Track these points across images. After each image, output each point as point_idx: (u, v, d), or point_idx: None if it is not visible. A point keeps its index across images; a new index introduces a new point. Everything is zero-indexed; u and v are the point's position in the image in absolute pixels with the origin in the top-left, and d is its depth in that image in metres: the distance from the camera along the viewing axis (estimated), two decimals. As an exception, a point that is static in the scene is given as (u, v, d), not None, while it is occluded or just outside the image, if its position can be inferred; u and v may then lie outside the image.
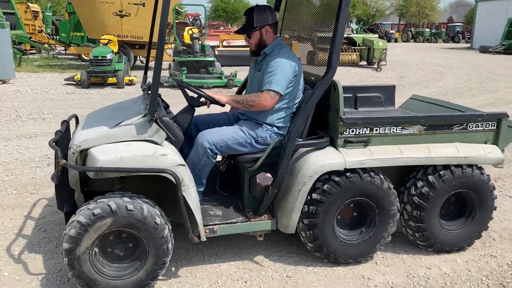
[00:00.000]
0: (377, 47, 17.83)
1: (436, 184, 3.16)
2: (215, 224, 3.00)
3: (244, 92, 3.65)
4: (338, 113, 3.01)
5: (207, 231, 2.94)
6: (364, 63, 18.71)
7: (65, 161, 2.64)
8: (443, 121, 3.24)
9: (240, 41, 20.54)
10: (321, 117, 3.19)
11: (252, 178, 3.13)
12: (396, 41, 46.60)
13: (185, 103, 3.17)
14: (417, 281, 3.07)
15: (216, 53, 15.53)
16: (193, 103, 3.12)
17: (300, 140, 3.05)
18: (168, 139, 2.83)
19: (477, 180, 3.26)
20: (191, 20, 22.52)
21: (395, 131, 3.14)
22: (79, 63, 17.21)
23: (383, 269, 3.20)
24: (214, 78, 11.87)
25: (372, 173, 3.05)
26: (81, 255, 2.57)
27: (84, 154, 2.75)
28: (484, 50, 30.00)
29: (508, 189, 4.82)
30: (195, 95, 3.16)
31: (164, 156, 2.66)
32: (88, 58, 12.71)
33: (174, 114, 3.24)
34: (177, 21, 15.71)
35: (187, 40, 13.10)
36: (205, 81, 11.67)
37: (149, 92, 3.37)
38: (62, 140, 2.97)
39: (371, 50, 18.10)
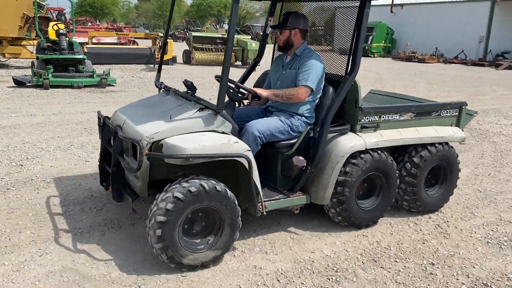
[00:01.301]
0: (250, 48, 18.47)
1: (428, 157, 3.98)
2: (264, 201, 3.35)
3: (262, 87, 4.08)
4: (357, 104, 3.64)
5: (261, 206, 3.30)
6: (239, 63, 19.25)
7: (147, 151, 2.92)
8: (427, 109, 4.10)
9: (112, 38, 19.58)
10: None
11: (286, 162, 3.60)
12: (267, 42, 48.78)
13: None
14: (303, 265, 3.30)
15: (86, 50, 14.56)
16: (234, 97, 3.39)
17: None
18: None
19: (450, 154, 4.14)
20: (55, 15, 20.72)
21: (395, 117, 3.91)
22: None
23: (272, 257, 3.38)
24: (85, 77, 11.13)
25: (383, 152, 3.76)
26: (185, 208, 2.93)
27: (155, 144, 3.03)
28: (343, 52, 33.03)
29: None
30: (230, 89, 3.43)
31: (237, 143, 3.10)
32: None
33: None
34: (39, 15, 14.33)
35: (52, 36, 12.03)
36: (75, 80, 10.88)
37: (174, 89, 3.79)
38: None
39: (245, 51, 18.69)
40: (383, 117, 3.83)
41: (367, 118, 3.74)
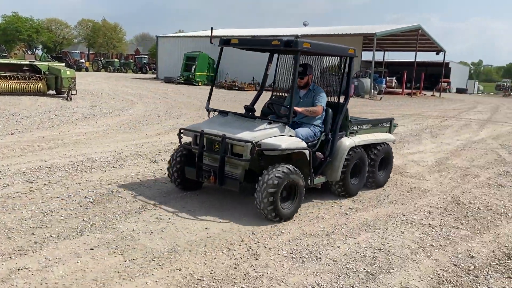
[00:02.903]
0: (65, 75, 17.09)
1: (379, 152, 6.40)
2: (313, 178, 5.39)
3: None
4: (347, 118, 5.91)
5: (312, 181, 5.37)
6: (53, 92, 17.61)
7: (257, 148, 4.77)
8: (376, 122, 6.65)
9: None
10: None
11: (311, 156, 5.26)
12: (87, 70, 46.17)
13: None
14: (109, 314, 3.01)
15: None
16: (280, 112, 5.52)
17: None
18: None
19: (389, 150, 6.68)
20: None
21: (364, 127, 6.28)
22: None
23: (73, 312, 3.00)
24: None
25: (361, 148, 6.03)
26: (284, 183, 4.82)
27: (256, 145, 4.77)
28: (168, 80, 33.35)
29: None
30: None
31: (302, 142, 5.17)
32: None
33: None
34: None
35: None
36: None
37: (233, 112, 5.57)
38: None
39: (59, 79, 17.21)
40: (359, 127, 6.14)
41: (352, 127, 5.99)
